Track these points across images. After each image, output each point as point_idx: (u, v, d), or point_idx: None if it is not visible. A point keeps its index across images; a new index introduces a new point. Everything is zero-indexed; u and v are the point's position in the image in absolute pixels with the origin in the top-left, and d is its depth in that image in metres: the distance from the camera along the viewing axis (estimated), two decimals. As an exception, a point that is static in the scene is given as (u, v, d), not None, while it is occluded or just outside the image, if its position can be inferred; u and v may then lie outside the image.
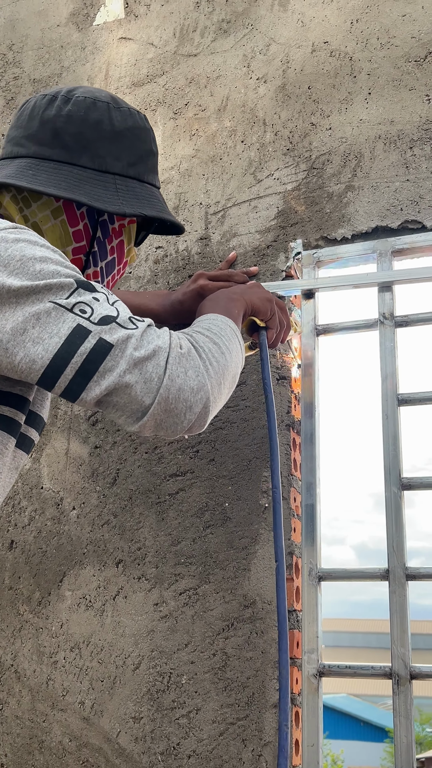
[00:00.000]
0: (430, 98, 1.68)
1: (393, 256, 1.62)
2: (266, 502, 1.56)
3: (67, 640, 1.66)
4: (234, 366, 1.19)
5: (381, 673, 1.43)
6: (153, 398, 1.04)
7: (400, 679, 1.40)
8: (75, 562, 1.70)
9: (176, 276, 1.81)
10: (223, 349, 1.17)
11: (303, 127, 1.78)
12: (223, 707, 1.49)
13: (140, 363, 1.04)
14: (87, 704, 1.60)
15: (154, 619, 1.59)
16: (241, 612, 1.52)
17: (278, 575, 1.22)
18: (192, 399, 1.07)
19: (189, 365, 1.08)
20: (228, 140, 1.86)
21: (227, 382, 1.16)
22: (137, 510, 1.68)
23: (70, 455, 1.79)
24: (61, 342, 1.02)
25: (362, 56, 1.77)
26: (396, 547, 1.46)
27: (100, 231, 1.28)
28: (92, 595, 1.66)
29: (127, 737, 1.55)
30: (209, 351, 1.13)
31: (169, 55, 2.01)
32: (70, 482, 1.77)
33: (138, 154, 1.28)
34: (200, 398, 1.08)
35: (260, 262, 1.73)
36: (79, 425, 1.80)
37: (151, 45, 2.05)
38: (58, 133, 1.22)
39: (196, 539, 1.60)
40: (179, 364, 1.07)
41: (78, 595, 1.68)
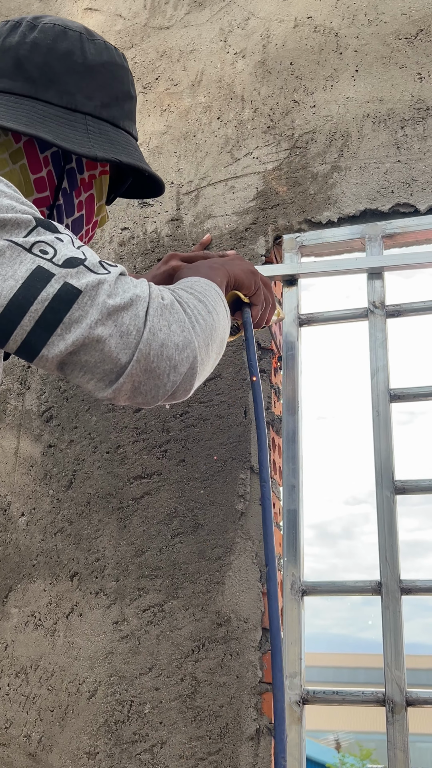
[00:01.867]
0: (422, 76, 1.58)
1: (383, 241, 1.50)
2: (243, 507, 1.41)
3: (11, 663, 1.46)
4: (222, 329, 1.02)
5: (373, 700, 1.27)
6: (131, 355, 0.86)
7: (395, 705, 1.24)
8: (23, 575, 1.51)
9: (144, 259, 1.65)
10: (209, 308, 1.00)
11: (285, 104, 1.66)
12: (192, 740, 1.31)
13: (115, 313, 0.86)
14: (34, 738, 1.41)
15: (113, 640, 1.41)
16: (214, 631, 1.35)
17: (269, 582, 1.06)
18: (177, 357, 0.90)
19: (173, 319, 0.91)
20: (203, 116, 1.72)
21: (215, 345, 0.99)
22: (96, 516, 1.50)
23: (20, 455, 1.60)
24: (18, 286, 0.84)
25: (349, 32, 1.66)
26: (389, 557, 1.32)
27: (67, 181, 1.11)
28: (42, 612, 1.47)
29: (80, 776, 1.36)
30: (194, 307, 0.97)
31: (139, 27, 1.87)
32: (20, 485, 1.58)
33: (113, 95, 1.11)
34: (186, 356, 0.91)
35: (238, 246, 1.59)
36: (30, 421, 1.62)
37: (119, 16, 1.91)
38: (21, 63, 1.05)
39: (163, 549, 1.43)
40: (161, 316, 0.90)
41: (26, 612, 1.49)
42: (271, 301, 1.28)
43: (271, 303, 1.28)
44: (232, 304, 1.25)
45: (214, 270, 1.15)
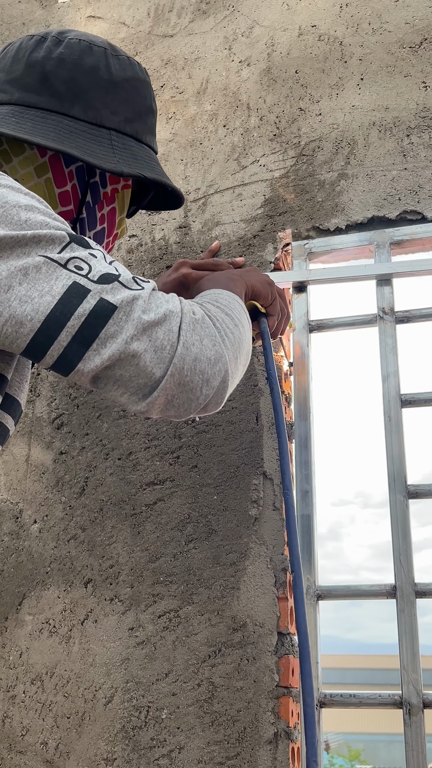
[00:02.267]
0: (427, 85, 1.60)
1: (391, 248, 1.52)
2: (256, 512, 1.42)
3: (27, 671, 1.47)
4: (247, 342, 1.05)
5: (390, 702, 1.29)
6: (165, 369, 0.88)
7: (411, 708, 1.26)
8: (37, 583, 1.52)
9: (152, 267, 1.66)
10: (236, 321, 1.02)
11: (291, 113, 1.68)
12: (210, 745, 1.32)
13: (150, 328, 0.88)
14: (51, 745, 1.41)
15: (129, 646, 1.41)
16: (230, 636, 1.36)
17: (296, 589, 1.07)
18: (210, 371, 0.92)
19: (204, 333, 0.93)
20: (209, 124, 1.73)
21: (242, 357, 1.02)
22: (109, 523, 1.50)
23: (32, 462, 1.60)
24: (55, 301, 0.85)
25: (353, 41, 1.68)
26: (403, 560, 1.34)
27: (90, 195, 1.12)
28: (57, 619, 1.48)
29: (98, 782, 1.36)
30: (222, 321, 0.98)
31: (143, 36, 1.88)
32: (31, 492, 1.58)
33: (137, 110, 1.12)
34: (218, 370, 0.93)
35: (246, 253, 1.60)
36: (41, 429, 1.62)
37: (123, 24, 1.92)
38: (47, 78, 1.06)
39: (177, 555, 1.44)
40: (194, 331, 0.92)
41: (40, 619, 1.49)
42: (287, 312, 1.30)
43: (286, 313, 1.30)
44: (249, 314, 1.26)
45: (234, 281, 1.16)
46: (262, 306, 1.26)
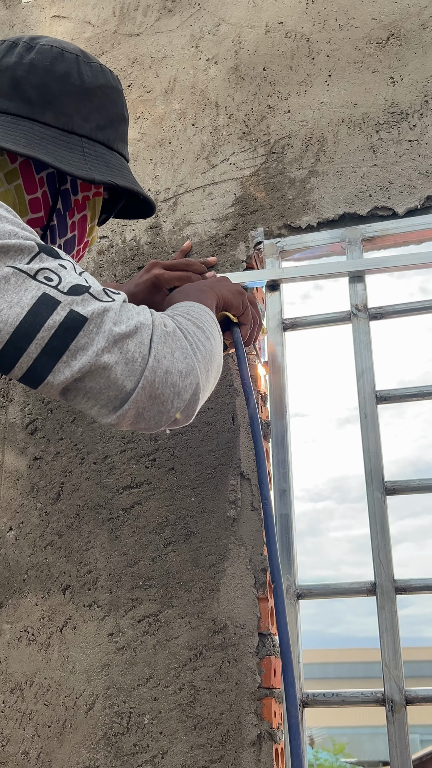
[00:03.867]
0: (394, 80, 1.60)
1: (363, 245, 1.51)
2: (234, 513, 1.41)
3: (6, 680, 1.45)
4: (218, 354, 1.05)
5: (372, 700, 1.28)
6: (136, 382, 0.88)
7: (394, 705, 1.26)
8: (14, 591, 1.50)
9: (123, 268, 1.64)
10: (207, 334, 1.02)
11: (259, 110, 1.67)
12: (194, 749, 1.31)
13: (121, 340, 0.87)
14: (32, 754, 1.39)
15: (109, 652, 1.40)
16: (211, 639, 1.35)
17: (276, 598, 1.06)
18: (181, 384, 0.92)
19: (176, 346, 0.93)
20: (177, 123, 1.72)
21: (213, 370, 1.02)
22: (86, 528, 1.49)
23: (6, 469, 1.58)
24: (24, 313, 0.84)
25: (320, 37, 1.68)
26: (382, 557, 1.33)
27: (61, 202, 1.11)
28: (35, 627, 1.46)
29: (81, 791, 1.35)
30: (194, 333, 0.98)
31: (109, 35, 1.86)
32: (6, 499, 1.56)
33: (109, 117, 1.11)
34: (190, 383, 0.93)
35: (218, 252, 1.59)
36: (14, 434, 1.60)
37: (88, 24, 1.90)
38: (19, 84, 1.04)
39: (156, 558, 1.42)
40: (165, 343, 0.91)
41: (18, 627, 1.47)
42: (259, 320, 1.30)
43: (258, 321, 1.30)
44: (221, 324, 1.25)
45: (204, 293, 1.16)
46: (234, 316, 1.25)
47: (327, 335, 19.04)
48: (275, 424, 1.45)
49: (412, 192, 1.51)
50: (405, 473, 36.02)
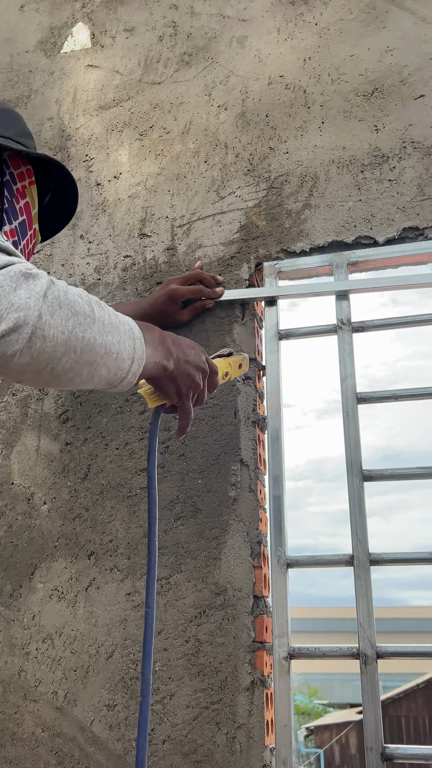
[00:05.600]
0: (378, 128, 1.61)
1: (348, 268, 1.53)
2: (235, 494, 1.43)
3: (39, 631, 1.47)
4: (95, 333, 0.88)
5: (348, 654, 1.31)
6: None
7: (367, 658, 1.28)
8: (47, 555, 1.52)
9: (144, 283, 1.66)
10: (97, 314, 0.89)
11: (262, 151, 1.68)
12: (197, 692, 1.33)
13: None
14: (60, 694, 1.42)
15: (126, 609, 1.42)
16: (213, 599, 1.38)
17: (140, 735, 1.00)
18: (6, 313, 0.79)
19: (25, 284, 0.81)
20: (192, 160, 1.73)
21: (76, 344, 0.85)
22: (109, 504, 1.51)
23: (41, 452, 1.60)
24: None
25: (315, 90, 1.69)
26: (360, 534, 1.36)
27: (6, 191, 1.16)
28: (64, 586, 1.48)
29: (101, 725, 1.37)
30: (69, 299, 0.85)
31: (134, 83, 1.87)
32: (41, 478, 1.58)
33: (24, 131, 1.23)
34: (16, 317, 0.79)
35: (225, 272, 1.60)
36: (49, 423, 1.62)
37: (116, 73, 1.91)
38: None
39: (168, 531, 1.45)
40: (13, 278, 0.81)
41: (50, 587, 1.49)
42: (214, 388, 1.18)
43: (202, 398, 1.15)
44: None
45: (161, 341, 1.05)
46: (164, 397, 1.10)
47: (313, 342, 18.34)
48: (271, 420, 1.47)
49: (390, 224, 1.52)
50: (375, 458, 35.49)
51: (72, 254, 1.74)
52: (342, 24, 1.73)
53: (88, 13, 2.00)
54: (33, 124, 1.92)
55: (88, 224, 1.76)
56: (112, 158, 1.81)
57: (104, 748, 1.35)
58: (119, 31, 1.94)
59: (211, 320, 1.57)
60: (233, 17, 1.83)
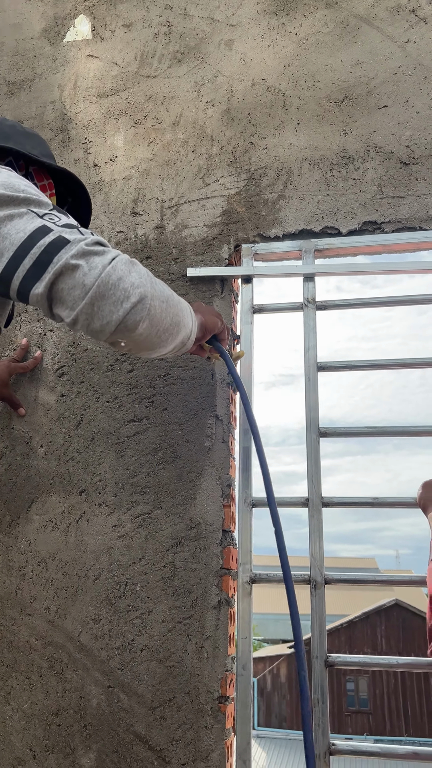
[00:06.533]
0: (346, 132, 1.68)
1: (315, 254, 1.61)
2: (210, 444, 1.52)
3: (34, 556, 1.54)
4: (179, 311, 1.06)
5: (301, 580, 1.42)
6: (94, 280, 0.88)
7: (316, 584, 1.40)
8: (42, 491, 1.59)
9: (135, 256, 1.71)
10: (173, 292, 1.06)
11: (244, 145, 1.74)
12: (171, 609, 1.43)
13: (89, 254, 0.90)
14: (52, 609, 1.50)
15: (112, 538, 1.51)
16: (188, 532, 1.47)
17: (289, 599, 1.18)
18: (131, 290, 0.90)
19: (134, 270, 0.93)
20: (181, 149, 1.78)
21: (169, 312, 1.01)
22: (99, 449, 1.58)
23: (39, 402, 1.66)
24: (25, 237, 0.91)
25: (293, 93, 1.75)
26: (314, 480, 1.46)
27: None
28: (58, 518, 1.56)
29: (88, 636, 1.46)
30: (158, 280, 1.00)
31: (131, 75, 1.90)
32: (39, 424, 1.64)
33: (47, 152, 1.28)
34: (138, 292, 0.91)
35: (207, 251, 1.67)
36: (47, 377, 1.67)
37: (115, 64, 1.93)
38: None
39: (150, 473, 1.53)
40: (125, 264, 0.92)
41: (45, 518, 1.56)
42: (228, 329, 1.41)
43: (229, 331, 1.41)
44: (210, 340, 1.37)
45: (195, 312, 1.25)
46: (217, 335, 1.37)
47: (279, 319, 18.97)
48: (244, 382, 1.55)
49: (353, 217, 1.60)
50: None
51: (70, 227, 1.78)
52: (319, 36, 1.78)
53: (90, 6, 2.00)
54: (36, 105, 1.93)
55: (85, 201, 1.79)
56: (109, 142, 1.84)
57: (90, 655, 1.44)
58: (118, 25, 1.95)
59: (195, 293, 1.63)
60: (222, 21, 1.87)
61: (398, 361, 1.53)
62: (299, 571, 1.42)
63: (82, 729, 1.40)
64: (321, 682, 1.34)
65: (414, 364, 1.54)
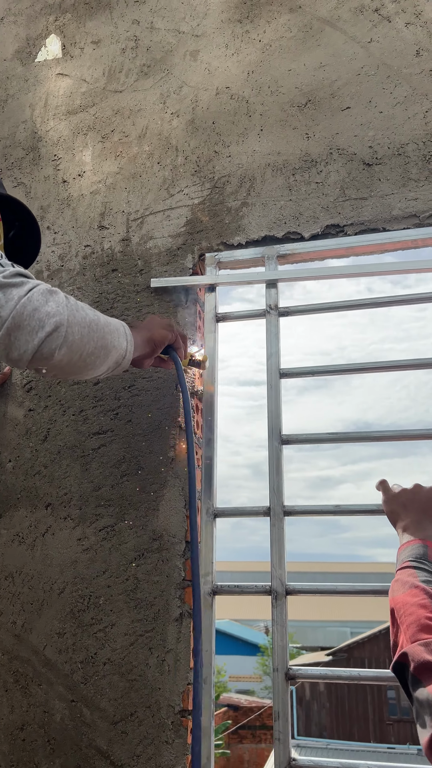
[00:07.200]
0: (309, 136, 1.65)
1: (277, 260, 1.58)
2: (172, 454, 1.50)
3: (2, 570, 1.54)
4: (105, 334, 1.08)
5: (263, 591, 1.39)
6: (10, 311, 0.92)
7: (278, 595, 1.36)
8: (10, 506, 1.59)
9: (102, 269, 1.71)
10: (99, 316, 1.07)
11: (208, 154, 1.72)
12: (134, 622, 1.41)
13: (6, 286, 0.94)
14: (18, 623, 1.49)
15: (77, 552, 1.50)
16: (151, 544, 1.45)
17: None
18: (45, 320, 0.94)
19: (52, 298, 0.96)
20: (146, 161, 1.78)
21: (92, 336, 1.04)
22: (65, 462, 1.58)
23: (8, 417, 1.66)
24: None
25: (256, 100, 1.73)
26: (276, 489, 1.43)
27: None
28: (24, 532, 1.55)
29: (53, 650, 1.45)
30: (80, 305, 1.02)
31: (99, 90, 1.91)
32: (7, 439, 1.64)
33: None
34: (53, 321, 0.95)
35: (171, 261, 1.66)
36: (15, 391, 1.68)
37: (83, 81, 1.94)
38: None
39: (114, 485, 1.52)
40: (42, 294, 0.96)
41: (12, 532, 1.56)
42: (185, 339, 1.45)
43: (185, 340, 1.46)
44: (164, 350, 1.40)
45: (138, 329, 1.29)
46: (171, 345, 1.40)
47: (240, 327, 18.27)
48: (206, 390, 1.53)
49: (316, 221, 1.57)
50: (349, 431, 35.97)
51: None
52: (282, 41, 1.76)
53: (60, 26, 2.02)
54: (9, 126, 1.95)
55: (54, 217, 1.80)
56: (77, 158, 1.84)
57: (54, 669, 1.43)
58: (87, 42, 1.96)
59: (159, 303, 1.62)
60: (188, 33, 1.86)
61: (361, 365, 1.49)
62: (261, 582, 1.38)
63: (45, 744, 1.39)
64: (281, 695, 1.30)
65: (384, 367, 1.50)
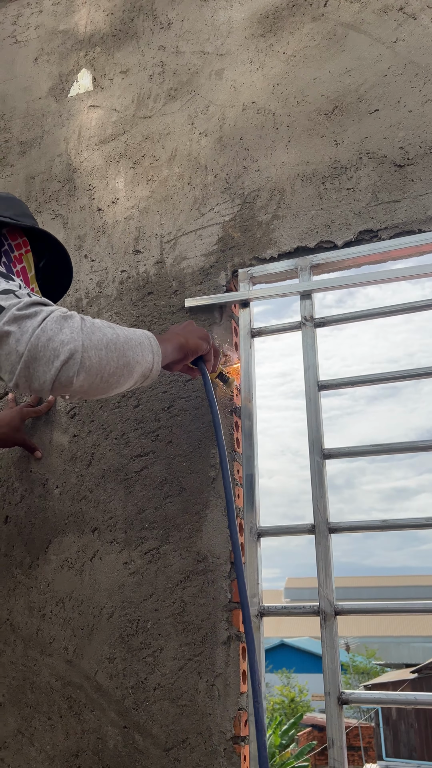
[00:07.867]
0: (337, 143, 1.62)
1: (311, 270, 1.55)
2: (214, 474, 1.48)
3: (53, 596, 1.55)
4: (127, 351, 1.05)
5: (311, 611, 1.34)
6: (25, 345, 0.92)
7: (326, 615, 1.31)
8: (59, 531, 1.60)
9: (138, 293, 1.72)
10: (119, 333, 1.04)
11: (237, 170, 1.72)
12: (182, 646, 1.39)
13: (20, 319, 0.93)
14: (70, 649, 1.50)
15: (124, 575, 1.49)
16: (195, 566, 1.43)
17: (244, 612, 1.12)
18: (60, 349, 0.93)
19: (66, 324, 0.95)
20: (177, 183, 1.78)
21: (112, 357, 1.01)
22: (109, 486, 1.58)
23: (54, 444, 1.69)
24: None
25: (283, 112, 1.71)
26: (320, 505, 1.38)
27: (5, 257, 1.27)
28: (73, 558, 1.56)
29: (104, 675, 1.44)
30: (97, 326, 1.00)
31: (129, 118, 1.94)
32: (54, 465, 1.66)
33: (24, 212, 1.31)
34: (68, 349, 0.93)
35: (205, 279, 1.65)
36: (60, 418, 1.70)
37: (114, 110, 1.97)
38: None
39: (158, 507, 1.51)
40: (56, 322, 0.95)
41: (62, 558, 1.58)
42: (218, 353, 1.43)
43: (218, 354, 1.42)
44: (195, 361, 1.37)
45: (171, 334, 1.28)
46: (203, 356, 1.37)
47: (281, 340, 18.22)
48: (244, 406, 1.51)
49: (348, 228, 1.53)
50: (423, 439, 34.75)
51: (78, 271, 1.82)
52: (306, 50, 1.74)
53: (90, 59, 2.07)
54: (45, 160, 2.00)
55: (91, 245, 1.83)
56: (111, 186, 1.87)
57: (106, 695, 1.42)
58: (116, 73, 2.00)
59: (195, 323, 1.61)
60: (212, 53, 1.87)
61: (402, 373, 1.43)
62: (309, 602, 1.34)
63: (100, 771, 1.38)
64: (336, 721, 1.24)
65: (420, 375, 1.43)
